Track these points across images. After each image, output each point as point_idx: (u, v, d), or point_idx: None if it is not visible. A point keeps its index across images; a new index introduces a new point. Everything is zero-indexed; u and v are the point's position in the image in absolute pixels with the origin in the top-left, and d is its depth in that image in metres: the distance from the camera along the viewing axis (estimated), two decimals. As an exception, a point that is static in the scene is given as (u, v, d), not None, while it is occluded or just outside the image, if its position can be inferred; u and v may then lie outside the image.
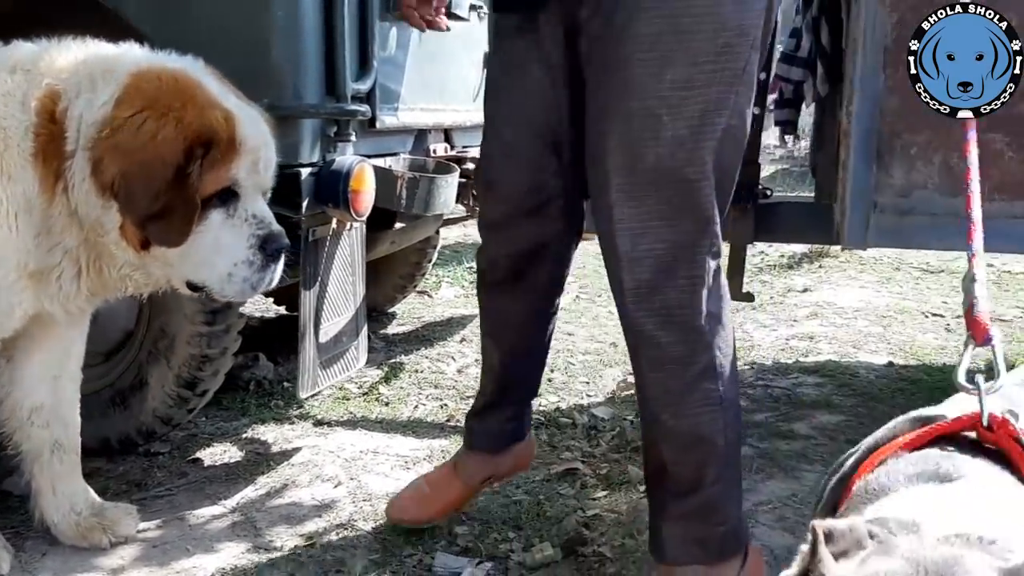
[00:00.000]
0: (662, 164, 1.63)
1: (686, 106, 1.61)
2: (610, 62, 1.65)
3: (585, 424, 2.91)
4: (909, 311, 4.27)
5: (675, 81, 1.60)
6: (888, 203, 2.14)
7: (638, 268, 1.67)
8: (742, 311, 4.32)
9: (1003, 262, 5.44)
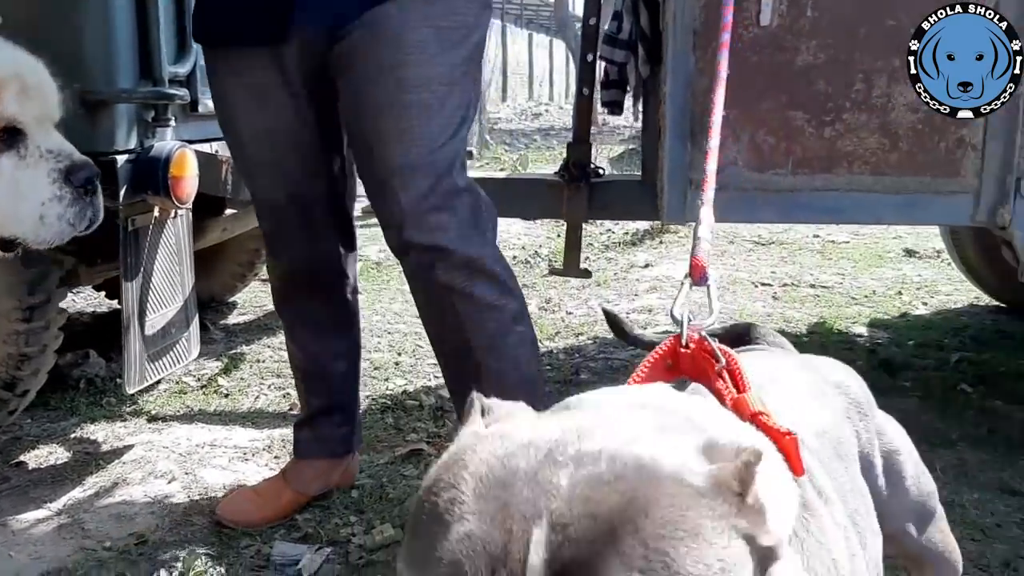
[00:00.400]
0: (435, 150, 1.81)
1: (450, 100, 1.82)
2: (383, 65, 1.78)
3: (432, 405, 2.93)
4: (741, 281, 4.50)
5: (441, 79, 1.80)
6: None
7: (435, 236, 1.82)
8: (587, 287, 4.44)
9: (828, 233, 5.79)
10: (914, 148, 2.18)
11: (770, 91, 2.19)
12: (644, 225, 5.63)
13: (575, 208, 2.88)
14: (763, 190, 2.24)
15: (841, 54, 2.14)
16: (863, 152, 2.19)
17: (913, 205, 2.22)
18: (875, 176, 2.21)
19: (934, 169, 2.18)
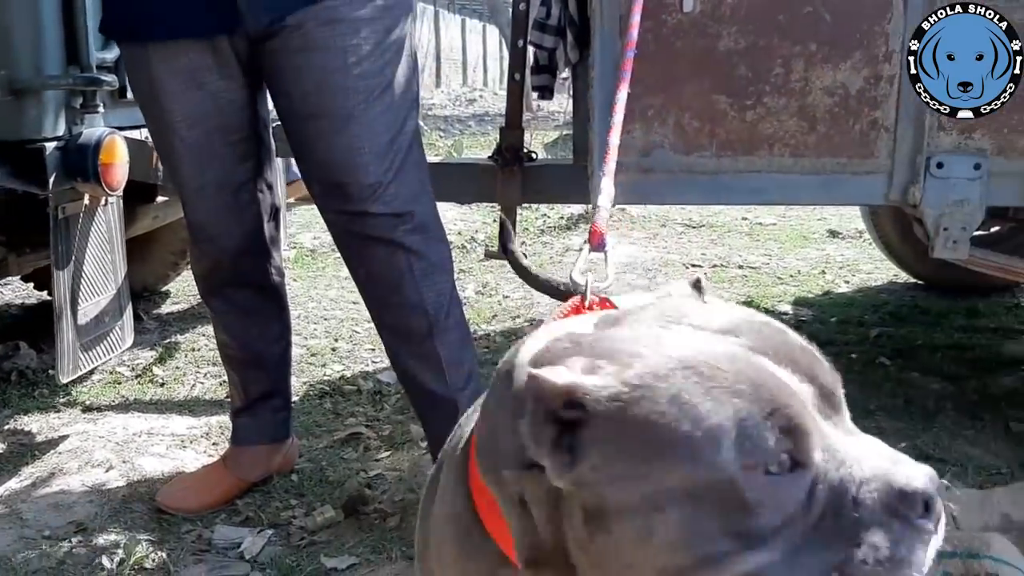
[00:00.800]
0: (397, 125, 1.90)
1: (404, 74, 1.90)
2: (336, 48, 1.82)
3: (370, 390, 2.96)
4: (672, 263, 4.60)
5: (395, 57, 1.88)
6: (631, 162, 2.30)
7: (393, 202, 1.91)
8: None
9: (756, 215, 5.94)
10: (831, 130, 2.27)
11: (694, 76, 2.25)
12: (579, 209, 5.70)
13: (509, 192, 2.92)
14: (689, 172, 2.31)
15: (761, 40, 2.22)
16: (783, 135, 2.28)
17: (830, 185, 2.31)
18: (795, 158, 2.29)
19: (850, 150, 2.27)
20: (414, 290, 1.96)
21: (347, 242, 1.97)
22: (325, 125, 1.85)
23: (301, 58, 1.84)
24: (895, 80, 2.22)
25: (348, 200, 1.89)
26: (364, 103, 1.84)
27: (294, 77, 1.87)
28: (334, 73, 1.83)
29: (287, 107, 1.93)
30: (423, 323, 1.98)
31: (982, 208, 2.26)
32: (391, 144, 1.90)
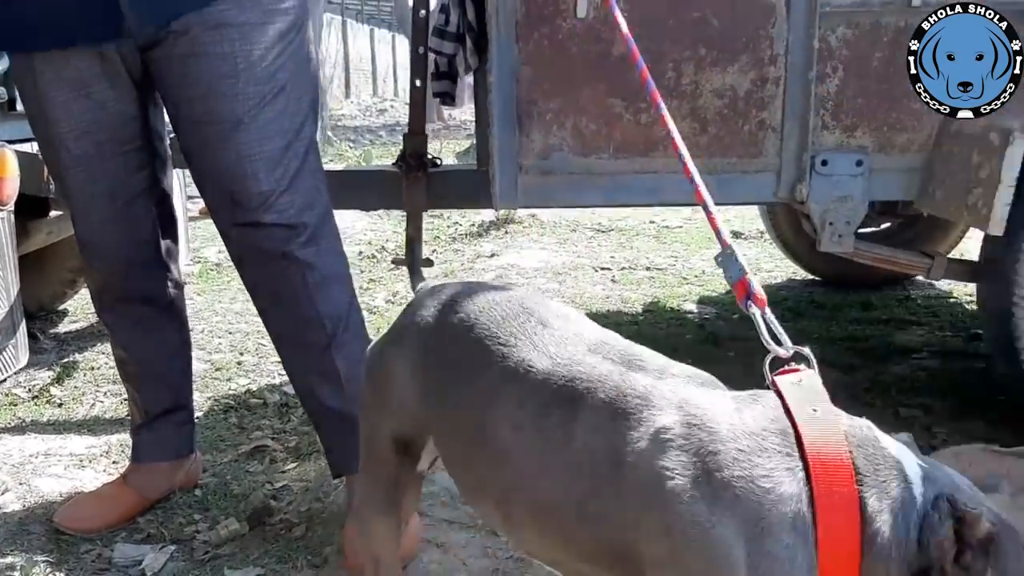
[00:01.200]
0: (292, 132, 1.89)
1: (300, 82, 1.90)
2: (227, 55, 1.80)
3: (277, 402, 2.92)
4: (582, 267, 4.66)
5: (287, 65, 1.87)
6: (532, 165, 2.34)
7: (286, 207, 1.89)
8: (435, 280, 4.50)
9: (663, 219, 6.07)
10: (721, 131, 2.34)
11: (590, 80, 2.30)
12: (490, 216, 5.74)
13: (414, 198, 2.93)
14: (588, 174, 2.36)
15: (652, 45, 2.28)
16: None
17: (724, 185, 2.38)
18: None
19: (739, 150, 2.36)
20: (309, 303, 1.93)
21: (240, 255, 1.95)
22: (214, 132, 1.82)
23: (189, 64, 1.82)
24: (780, 82, 2.31)
25: (239, 210, 1.86)
26: (255, 109, 1.82)
27: (182, 84, 1.85)
28: (222, 79, 1.80)
29: (176, 114, 1.90)
30: (320, 336, 1.95)
31: (865, 203, 2.36)
32: (285, 151, 1.87)
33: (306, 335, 1.96)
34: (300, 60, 1.92)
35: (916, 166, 2.35)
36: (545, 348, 1.23)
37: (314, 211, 1.93)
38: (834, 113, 2.33)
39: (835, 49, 2.29)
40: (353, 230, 5.75)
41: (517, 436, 1.18)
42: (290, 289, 1.93)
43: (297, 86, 1.90)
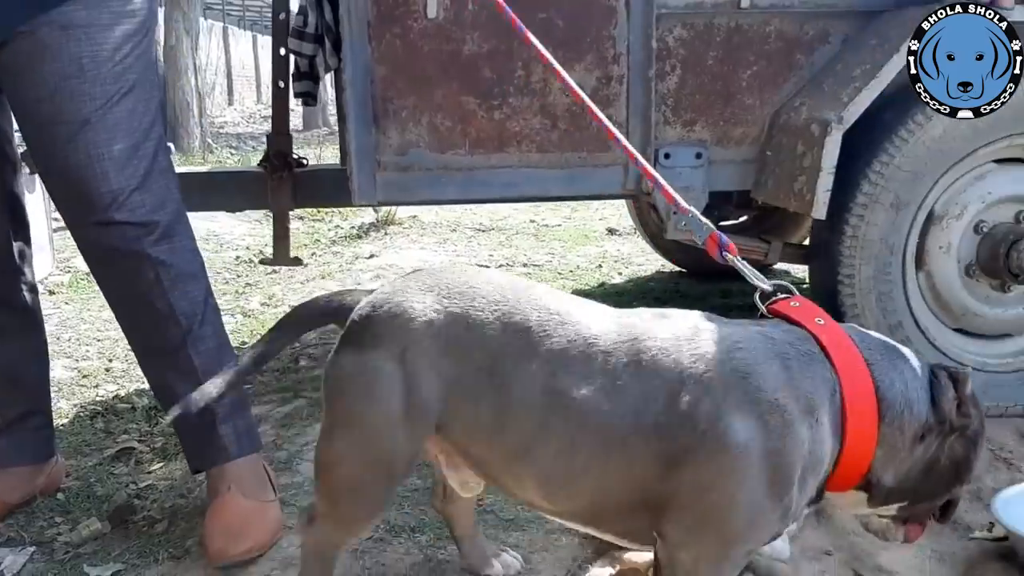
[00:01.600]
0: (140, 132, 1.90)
1: (147, 82, 1.91)
2: (73, 56, 1.81)
3: (145, 406, 2.90)
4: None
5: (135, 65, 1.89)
6: (389, 161, 2.41)
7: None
8: (312, 281, 4.51)
9: (542, 218, 6.21)
10: (571, 127, 2.46)
11: (443, 78, 2.39)
12: (370, 218, 5.76)
13: (280, 198, 2.96)
14: (445, 169, 2.45)
15: (502, 44, 2.38)
16: (529, 132, 2.45)
17: (576, 178, 2.51)
18: (541, 153, 2.47)
19: (589, 145, 2.48)
20: (163, 301, 1.95)
21: (93, 255, 1.95)
22: (62, 132, 1.83)
23: (35, 65, 1.82)
24: (624, 79, 2.45)
25: (91, 209, 1.86)
26: (102, 109, 1.83)
27: (29, 85, 1.84)
28: (69, 79, 1.81)
29: (24, 116, 1.89)
30: (176, 334, 1.97)
31: (705, 193, 2.52)
32: (135, 150, 1.88)
33: (161, 333, 1.98)
34: (148, 62, 1.94)
35: (751, 157, 2.53)
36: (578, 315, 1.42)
37: (166, 210, 1.94)
38: (674, 109, 2.48)
39: (673, 49, 2.44)
40: (231, 235, 5.69)
41: (589, 387, 1.35)
42: (143, 287, 1.94)
43: (145, 87, 1.92)
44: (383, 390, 1.40)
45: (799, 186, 2.34)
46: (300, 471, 2.28)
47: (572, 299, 1.46)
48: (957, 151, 2.36)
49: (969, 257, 2.48)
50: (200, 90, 11.71)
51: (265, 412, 2.72)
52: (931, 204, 2.42)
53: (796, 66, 2.49)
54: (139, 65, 1.90)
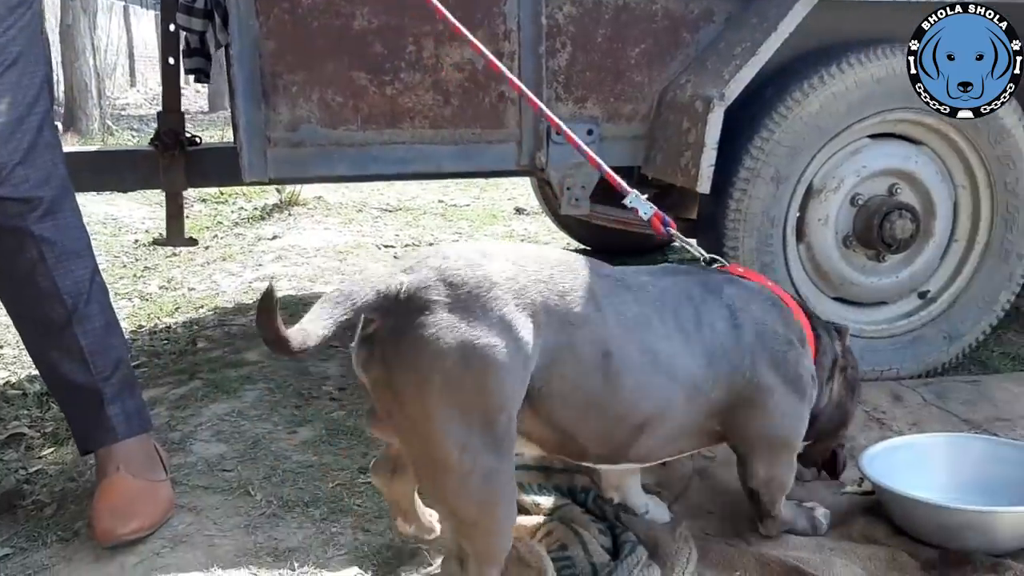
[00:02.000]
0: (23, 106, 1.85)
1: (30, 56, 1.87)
2: None
3: (37, 392, 2.83)
4: (365, 246, 4.73)
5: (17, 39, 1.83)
6: (280, 137, 2.39)
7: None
8: (212, 263, 4.43)
9: (451, 198, 6.22)
10: (464, 103, 2.48)
11: (333, 54, 2.38)
12: (274, 199, 5.69)
13: (172, 177, 2.91)
14: (337, 145, 2.44)
15: (392, 20, 2.38)
16: (422, 108, 2.46)
17: (470, 154, 2.53)
18: (434, 129, 2.48)
19: (482, 120, 2.50)
20: (47, 278, 1.91)
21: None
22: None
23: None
24: (515, 56, 2.47)
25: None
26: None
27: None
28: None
29: None
30: (60, 312, 1.93)
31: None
32: (19, 123, 1.84)
33: (45, 311, 1.94)
34: (32, 35, 1.89)
35: (641, 134, 2.59)
36: (631, 280, 1.61)
37: (50, 185, 1.90)
38: (565, 86, 2.52)
39: (563, 26, 2.48)
40: (130, 218, 5.55)
41: (669, 340, 1.56)
42: (27, 264, 1.90)
43: (29, 60, 1.87)
44: (505, 358, 1.36)
45: (685, 161, 2.41)
46: (193, 451, 2.26)
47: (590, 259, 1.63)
48: (833, 127, 2.46)
49: (846, 229, 2.59)
50: (99, 71, 11.32)
51: (160, 394, 2.69)
52: (810, 178, 2.52)
53: (682, 44, 2.55)
54: (22, 38, 1.85)
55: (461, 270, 1.40)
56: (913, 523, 1.81)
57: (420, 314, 1.35)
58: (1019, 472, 1.93)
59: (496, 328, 1.36)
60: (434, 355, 1.33)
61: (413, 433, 1.39)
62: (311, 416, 2.49)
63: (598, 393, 1.47)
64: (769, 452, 1.72)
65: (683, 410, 1.59)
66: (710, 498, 2.01)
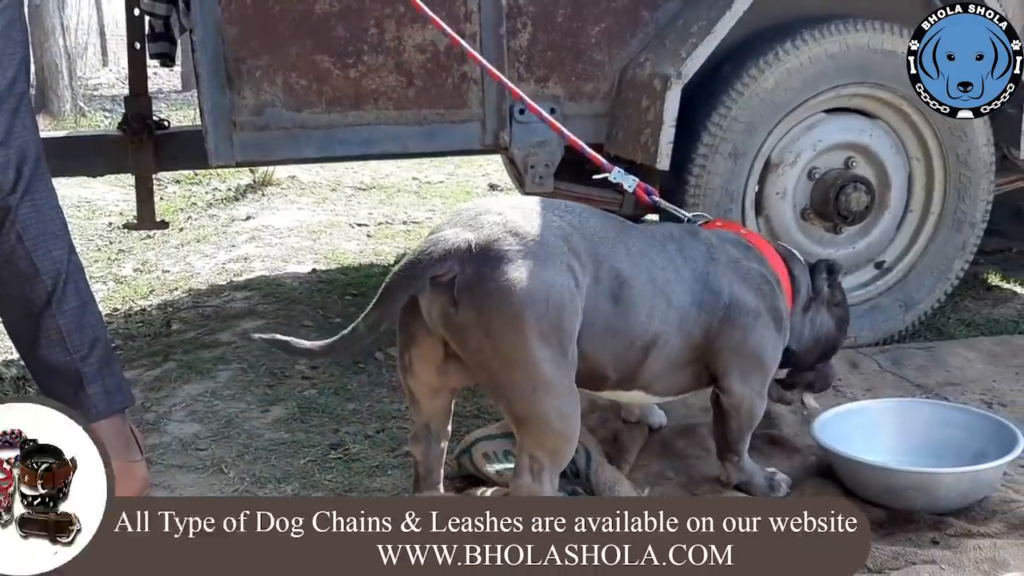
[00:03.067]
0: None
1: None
2: None
3: (14, 376, 2.86)
4: (338, 224, 4.76)
5: None
6: (246, 121, 2.42)
7: None
8: (187, 245, 4.46)
9: (425, 175, 6.24)
10: (427, 84, 2.52)
11: (296, 37, 2.40)
12: (248, 180, 5.69)
13: (141, 160, 2.93)
14: (303, 127, 2.47)
15: (353, 3, 2.41)
16: (385, 89, 2.49)
17: (435, 134, 2.57)
18: (399, 110, 2.52)
19: (446, 101, 2.54)
20: (26, 260, 1.93)
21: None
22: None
23: None
24: (476, 37, 2.51)
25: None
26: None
27: None
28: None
29: None
30: (40, 293, 1.95)
31: (560, 147, 2.61)
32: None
33: (24, 292, 1.96)
34: (11, 17, 1.88)
35: (603, 112, 2.63)
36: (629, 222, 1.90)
37: (27, 166, 1.91)
38: (527, 65, 2.56)
39: (523, 6, 2.51)
40: (104, 201, 5.55)
41: (665, 270, 1.80)
42: (6, 246, 1.92)
43: (9, 42, 1.87)
44: (572, 300, 1.64)
45: (644, 139, 2.46)
46: (168, 431, 2.31)
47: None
48: (789, 102, 2.52)
49: (804, 202, 2.66)
50: (70, 51, 11.19)
51: (135, 376, 2.72)
52: (767, 153, 2.58)
53: (642, 22, 2.60)
54: (2, 19, 1.84)
55: (520, 223, 1.65)
56: (861, 485, 1.89)
57: (499, 263, 1.59)
58: (965, 435, 2.01)
59: (562, 272, 1.64)
60: (522, 296, 1.59)
61: (506, 363, 1.62)
62: (283, 395, 2.54)
63: (614, 318, 1.73)
64: (744, 369, 1.88)
65: (677, 335, 1.81)
66: (669, 465, 2.08)
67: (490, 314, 1.58)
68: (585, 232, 1.72)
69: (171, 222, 4.08)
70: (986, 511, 1.84)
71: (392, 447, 2.24)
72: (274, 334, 1.75)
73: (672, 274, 1.81)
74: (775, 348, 1.92)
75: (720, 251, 1.90)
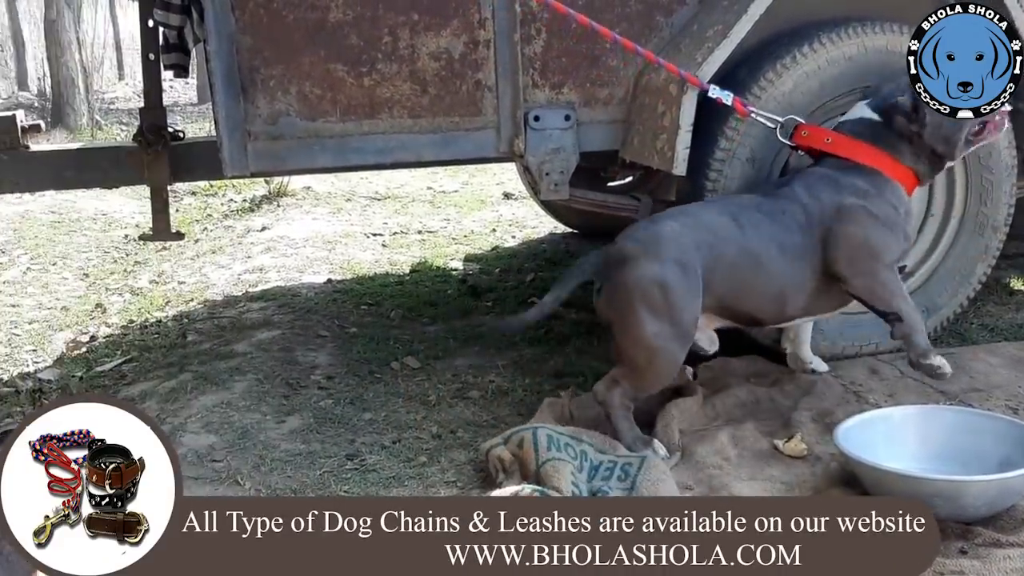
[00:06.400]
0: None
1: None
2: None
3: (30, 389, 2.87)
4: (353, 235, 4.76)
5: None
6: (260, 131, 2.41)
7: None
8: (202, 256, 4.46)
9: (439, 185, 6.23)
10: (441, 92, 2.50)
11: (309, 46, 2.40)
12: (263, 190, 5.70)
13: (156, 172, 2.93)
14: (317, 137, 2.46)
15: (367, 11, 2.40)
16: (400, 98, 2.48)
17: (449, 142, 2.56)
18: (413, 119, 2.51)
19: (460, 109, 2.53)
20: None
21: None
22: None
23: None
24: (491, 44, 2.50)
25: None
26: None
27: None
28: None
29: None
30: None
31: (576, 153, 2.60)
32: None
33: None
34: None
35: (618, 118, 2.61)
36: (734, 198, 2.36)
37: None
38: (542, 72, 2.54)
39: (537, 12, 2.50)
40: (120, 213, 5.58)
41: (771, 242, 2.21)
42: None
43: None
44: (681, 283, 2.12)
45: (660, 144, 2.44)
46: (184, 443, 2.30)
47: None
48: (807, 105, 2.49)
49: (823, 206, 2.62)
50: (86, 65, 11.28)
51: (151, 388, 2.72)
52: (785, 157, 2.55)
53: (656, 28, 2.58)
54: None
55: (640, 231, 2.23)
56: (886, 493, 1.85)
57: (624, 264, 2.15)
58: (990, 441, 1.97)
59: (669, 265, 2.13)
60: (636, 286, 2.13)
61: (621, 327, 2.17)
62: (299, 405, 2.53)
63: (750, 279, 2.21)
64: (858, 264, 2.20)
65: (799, 271, 2.22)
66: (690, 475, 2.05)
67: (616, 305, 2.16)
68: (701, 226, 2.19)
69: (187, 233, 4.09)
70: (1015, 520, 1.80)
71: (408, 457, 2.22)
72: None
73: (780, 229, 2.21)
74: (884, 240, 2.21)
75: (812, 191, 2.25)
